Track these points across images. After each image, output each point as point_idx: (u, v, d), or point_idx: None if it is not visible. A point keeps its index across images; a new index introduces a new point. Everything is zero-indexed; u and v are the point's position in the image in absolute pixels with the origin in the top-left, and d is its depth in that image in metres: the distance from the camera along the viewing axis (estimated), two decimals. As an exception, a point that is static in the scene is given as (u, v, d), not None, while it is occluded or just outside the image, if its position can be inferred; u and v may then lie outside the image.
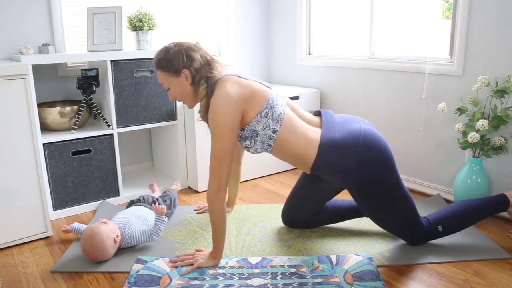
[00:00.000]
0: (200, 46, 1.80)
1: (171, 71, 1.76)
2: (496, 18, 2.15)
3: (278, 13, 3.46)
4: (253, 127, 1.73)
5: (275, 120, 1.73)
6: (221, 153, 1.67)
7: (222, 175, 1.69)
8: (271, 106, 1.73)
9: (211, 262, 1.79)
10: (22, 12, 2.47)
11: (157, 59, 1.78)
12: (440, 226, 1.90)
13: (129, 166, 3.01)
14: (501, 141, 2.16)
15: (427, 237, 1.92)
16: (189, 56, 1.75)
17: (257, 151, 1.81)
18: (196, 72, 1.76)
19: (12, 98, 1.94)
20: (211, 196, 1.72)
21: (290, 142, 1.75)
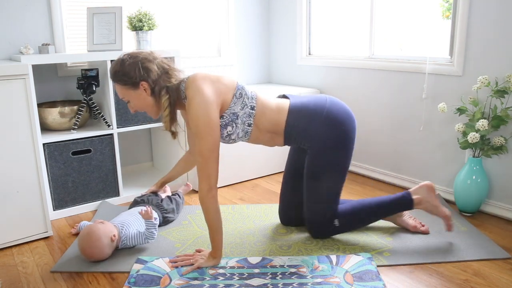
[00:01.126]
0: (155, 55, 1.78)
1: (128, 84, 1.74)
2: (496, 18, 2.15)
3: (278, 13, 3.46)
4: (232, 110, 1.79)
5: (250, 98, 1.82)
6: (207, 152, 1.69)
7: (211, 173, 1.70)
8: (242, 87, 1.82)
9: (211, 262, 1.79)
10: (22, 12, 2.47)
11: (113, 72, 1.76)
12: (336, 221, 1.96)
13: (129, 166, 3.01)
14: (501, 141, 2.16)
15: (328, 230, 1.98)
16: (145, 68, 1.72)
17: (238, 136, 1.85)
18: (154, 83, 1.74)
19: (12, 98, 1.94)
20: (203, 196, 1.72)
21: (266, 114, 1.85)
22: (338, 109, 1.89)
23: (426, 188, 1.99)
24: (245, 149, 2.83)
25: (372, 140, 2.89)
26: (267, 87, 3.36)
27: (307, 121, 1.86)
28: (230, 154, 2.77)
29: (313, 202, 1.96)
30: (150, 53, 1.78)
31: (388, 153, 2.81)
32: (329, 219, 1.96)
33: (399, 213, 2.05)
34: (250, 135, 1.87)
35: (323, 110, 1.87)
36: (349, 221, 2.00)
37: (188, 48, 3.20)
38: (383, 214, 2.02)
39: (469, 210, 2.28)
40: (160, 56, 1.80)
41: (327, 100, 1.91)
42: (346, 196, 2.60)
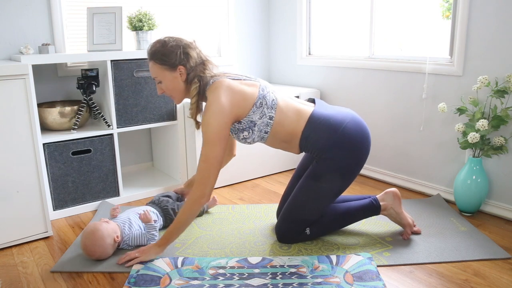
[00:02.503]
0: (196, 45, 1.85)
1: (166, 65, 1.78)
2: (496, 18, 2.15)
3: (278, 13, 3.46)
4: (250, 118, 1.79)
5: (270, 107, 1.81)
6: (211, 159, 1.71)
7: (209, 181, 1.72)
8: (263, 95, 1.80)
9: (153, 250, 1.80)
10: (22, 12, 2.47)
11: (153, 50, 1.79)
12: (308, 229, 1.96)
13: (129, 166, 3.01)
14: (501, 141, 2.16)
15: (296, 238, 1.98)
16: (186, 53, 1.78)
17: (254, 141, 1.86)
18: (191, 70, 1.79)
19: (12, 98, 1.94)
20: (193, 199, 1.74)
21: (284, 123, 1.84)
22: (357, 130, 1.85)
23: (392, 195, 2.02)
24: (245, 149, 2.83)
25: (372, 140, 2.89)
26: (267, 87, 3.36)
27: (322, 135, 1.83)
28: (230, 154, 2.77)
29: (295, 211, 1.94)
30: (192, 41, 1.85)
31: (388, 153, 2.81)
32: (303, 227, 1.96)
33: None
34: (266, 141, 1.90)
35: (340, 127, 1.83)
36: (320, 229, 1.99)
37: (188, 48, 3.20)
38: (352, 221, 2.04)
39: (469, 210, 2.28)
40: (200, 47, 1.86)
41: (349, 117, 1.88)
42: (346, 196, 2.60)
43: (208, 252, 1.93)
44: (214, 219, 2.29)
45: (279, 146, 1.94)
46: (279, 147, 1.94)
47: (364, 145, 1.88)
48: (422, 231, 2.08)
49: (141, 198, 2.61)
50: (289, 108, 1.86)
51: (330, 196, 1.93)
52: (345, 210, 2.00)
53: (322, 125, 1.84)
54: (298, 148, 1.91)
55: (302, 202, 1.92)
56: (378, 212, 2.01)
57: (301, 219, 1.95)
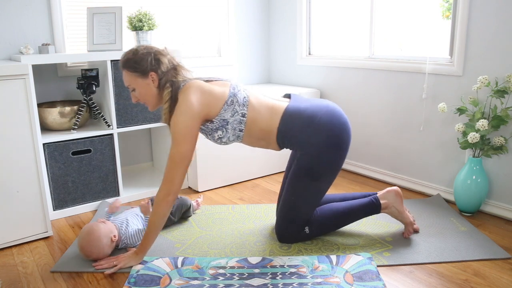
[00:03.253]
0: (167, 51, 1.88)
1: (138, 72, 1.80)
2: (496, 18, 2.15)
3: (278, 13, 3.46)
4: (222, 117, 1.80)
5: (241, 105, 1.82)
6: (178, 158, 1.72)
7: (174, 179, 1.73)
8: (234, 94, 1.82)
9: (133, 259, 1.80)
10: (22, 12, 2.47)
11: (125, 59, 1.82)
12: (307, 228, 1.96)
13: (129, 166, 3.01)
14: (501, 141, 2.16)
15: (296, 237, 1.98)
16: (157, 60, 1.81)
17: (229, 140, 1.87)
18: (162, 75, 1.82)
19: (12, 98, 1.94)
20: (159, 198, 1.74)
21: (258, 121, 1.84)
22: (332, 118, 1.85)
23: (394, 193, 2.01)
24: (245, 149, 2.83)
25: (372, 140, 2.89)
26: (267, 87, 3.36)
27: (298, 129, 1.84)
28: (230, 154, 2.77)
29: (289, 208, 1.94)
30: (164, 48, 1.87)
31: (388, 153, 2.81)
32: (300, 226, 1.96)
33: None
34: (242, 139, 1.90)
35: (315, 118, 1.84)
36: (320, 228, 1.99)
37: (188, 48, 3.20)
38: (352, 220, 2.03)
39: (469, 210, 2.28)
40: (172, 53, 1.89)
41: (323, 107, 1.88)
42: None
43: (208, 252, 1.93)
44: (214, 219, 2.29)
45: (257, 144, 1.94)
46: (257, 145, 1.94)
47: (343, 134, 1.87)
48: (422, 231, 2.08)
49: (141, 198, 2.61)
50: (262, 105, 1.87)
51: (318, 191, 1.93)
52: (345, 209, 2.00)
53: (296, 120, 1.84)
54: (276, 145, 1.91)
55: (293, 201, 1.92)
56: (378, 210, 2.01)
57: (296, 217, 1.95)
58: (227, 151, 2.75)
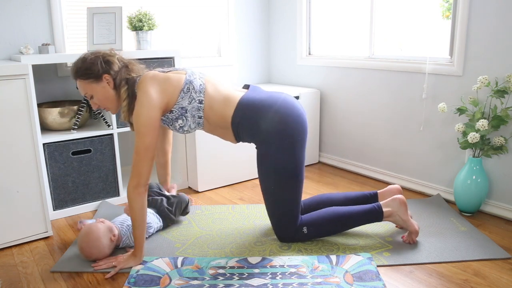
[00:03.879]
0: (115, 52, 1.89)
1: (91, 77, 1.81)
2: (496, 18, 2.15)
3: (278, 13, 3.46)
4: (180, 105, 1.81)
5: (198, 92, 1.82)
6: (142, 150, 1.73)
7: (142, 171, 1.74)
8: (190, 81, 1.82)
9: (131, 261, 1.80)
10: (22, 12, 2.47)
11: (76, 68, 1.83)
12: (305, 228, 1.95)
13: (129, 166, 3.01)
14: (501, 141, 2.16)
15: (293, 236, 1.96)
16: (107, 61, 1.82)
17: (191, 128, 1.88)
18: (116, 75, 1.82)
19: (12, 98, 1.94)
20: (129, 191, 1.76)
21: (214, 107, 1.84)
22: (287, 110, 1.83)
23: (398, 202, 1.97)
24: (245, 149, 2.83)
25: (372, 140, 2.89)
26: (267, 87, 3.36)
27: (253, 119, 1.82)
28: (230, 154, 2.77)
29: (271, 208, 1.94)
30: (110, 49, 1.89)
31: (388, 153, 2.81)
32: (293, 223, 1.94)
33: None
34: (203, 126, 1.90)
35: (270, 109, 1.82)
36: (318, 230, 1.97)
37: (188, 48, 3.20)
38: (352, 225, 2.00)
39: (469, 210, 2.28)
40: (119, 53, 1.90)
41: (279, 99, 1.86)
42: (346, 196, 2.60)
43: (208, 252, 1.93)
44: (214, 219, 2.29)
45: (216, 133, 1.93)
46: (216, 133, 1.94)
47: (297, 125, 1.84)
48: (422, 231, 2.08)
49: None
50: (218, 94, 1.87)
51: (289, 185, 1.87)
52: (345, 214, 1.97)
53: (251, 111, 1.83)
54: (232, 136, 1.90)
55: (271, 202, 1.92)
56: (380, 218, 1.96)
57: (282, 216, 1.93)
58: (227, 151, 2.75)
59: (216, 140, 2.69)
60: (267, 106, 1.83)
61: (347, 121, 3.04)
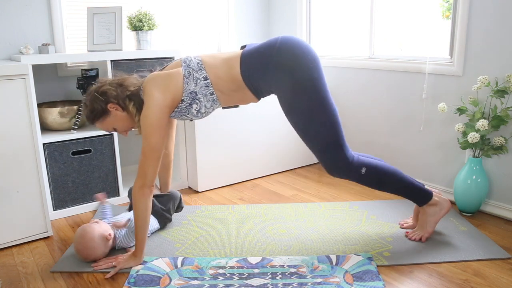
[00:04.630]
0: (103, 79, 1.90)
1: (100, 115, 1.84)
2: (496, 18, 2.15)
3: (278, 13, 3.46)
4: (188, 91, 1.77)
5: (198, 70, 1.79)
6: (148, 151, 1.72)
7: (147, 172, 1.74)
8: (187, 65, 1.79)
9: (132, 261, 1.80)
10: (22, 12, 2.47)
11: (86, 116, 1.88)
12: (364, 169, 1.86)
13: (129, 166, 3.01)
14: (501, 141, 2.16)
15: (347, 171, 1.85)
16: (102, 92, 1.82)
17: (207, 108, 1.83)
18: (117, 98, 1.82)
19: (12, 98, 1.94)
20: (135, 192, 1.76)
21: (220, 74, 1.80)
22: (288, 41, 1.76)
23: (447, 205, 1.99)
24: (245, 149, 2.83)
25: (372, 140, 2.89)
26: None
27: (261, 63, 1.76)
28: (230, 154, 2.77)
29: (316, 151, 1.85)
30: (98, 79, 1.90)
31: (388, 153, 2.81)
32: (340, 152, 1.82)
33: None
34: (219, 101, 1.85)
35: (273, 48, 1.75)
36: (374, 176, 1.88)
37: (188, 48, 3.20)
38: (402, 193, 1.95)
39: (469, 210, 2.28)
40: (108, 77, 1.90)
41: (278, 38, 1.79)
42: (346, 196, 2.60)
43: (208, 252, 1.93)
44: (214, 219, 2.29)
45: (235, 99, 1.87)
46: (235, 100, 1.88)
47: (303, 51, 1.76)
48: (422, 231, 2.08)
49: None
50: (218, 60, 1.81)
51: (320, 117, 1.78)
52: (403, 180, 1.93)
53: (256, 58, 1.77)
54: (251, 93, 1.84)
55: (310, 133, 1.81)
56: (424, 202, 1.95)
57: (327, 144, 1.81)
58: (227, 151, 2.75)
59: (216, 140, 2.69)
60: (269, 47, 1.76)
61: (347, 121, 3.04)
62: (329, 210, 2.38)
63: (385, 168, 1.91)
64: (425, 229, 1.99)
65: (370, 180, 1.90)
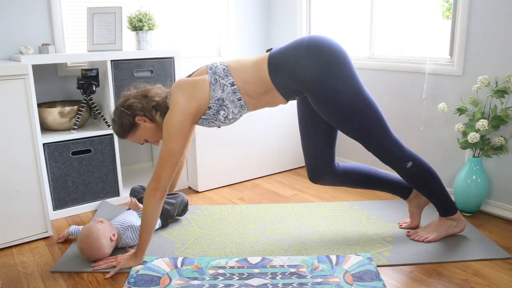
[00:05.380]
0: (127, 93, 1.89)
1: (130, 129, 1.86)
2: (496, 18, 2.15)
3: (278, 13, 3.46)
4: (215, 97, 1.77)
5: (225, 76, 1.78)
6: (165, 155, 1.72)
7: (161, 176, 1.73)
8: (213, 72, 1.79)
9: (132, 261, 1.80)
10: (22, 12, 2.47)
11: (116, 132, 1.91)
12: (410, 163, 1.86)
13: (129, 166, 3.01)
14: (501, 141, 2.16)
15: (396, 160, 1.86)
16: (128, 107, 1.83)
17: (234, 114, 1.82)
18: (143, 110, 1.83)
19: (12, 98, 1.94)
20: (147, 193, 1.76)
21: (247, 78, 1.78)
22: (315, 41, 1.75)
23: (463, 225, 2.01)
24: (245, 149, 2.83)
25: (372, 140, 2.89)
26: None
27: (289, 63, 1.74)
28: (230, 154, 2.77)
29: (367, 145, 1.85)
30: (123, 94, 1.90)
31: (388, 153, 2.80)
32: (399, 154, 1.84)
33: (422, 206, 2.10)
34: (247, 106, 1.83)
35: (301, 46, 1.74)
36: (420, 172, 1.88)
37: (188, 48, 3.20)
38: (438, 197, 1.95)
39: (469, 210, 2.28)
40: (131, 89, 1.90)
41: (305, 37, 1.78)
42: (346, 196, 2.60)
43: (208, 252, 1.93)
44: (214, 219, 2.29)
45: (263, 102, 1.85)
46: (264, 103, 1.86)
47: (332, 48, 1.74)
48: (422, 231, 2.08)
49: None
50: (245, 65, 1.80)
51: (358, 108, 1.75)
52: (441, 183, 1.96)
53: (282, 59, 1.75)
54: (280, 95, 1.81)
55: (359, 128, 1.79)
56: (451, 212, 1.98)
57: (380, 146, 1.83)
58: (227, 151, 2.75)
59: (216, 140, 2.69)
60: (296, 47, 1.75)
61: (347, 121, 3.03)
62: (329, 210, 2.38)
63: (431, 169, 1.92)
64: (432, 234, 1.98)
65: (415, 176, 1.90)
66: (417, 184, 1.94)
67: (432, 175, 1.92)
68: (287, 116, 2.97)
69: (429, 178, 1.92)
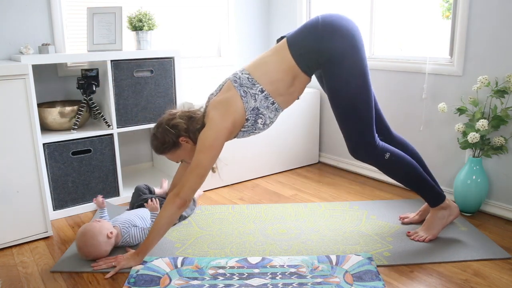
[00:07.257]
0: (173, 111, 1.90)
1: (172, 148, 1.85)
2: (496, 18, 2.15)
3: (278, 13, 3.46)
4: (250, 108, 1.77)
5: (252, 85, 1.78)
6: (195, 166, 1.73)
7: (186, 184, 1.74)
8: (239, 84, 1.79)
9: (132, 261, 1.80)
10: (22, 12, 2.47)
11: (155, 147, 1.88)
12: (388, 154, 1.88)
13: (129, 166, 3.01)
14: (501, 141, 2.16)
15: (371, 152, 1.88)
16: (173, 126, 1.83)
17: (271, 117, 1.84)
18: (188, 132, 1.84)
19: (12, 98, 1.94)
20: (169, 197, 1.77)
21: (273, 76, 1.79)
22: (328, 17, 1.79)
23: (455, 211, 2.02)
24: (245, 149, 2.83)
25: (372, 140, 2.89)
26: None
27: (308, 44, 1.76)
28: (230, 154, 2.77)
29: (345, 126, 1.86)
30: (168, 111, 1.90)
31: (388, 153, 2.80)
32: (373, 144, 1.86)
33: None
34: (281, 107, 1.85)
35: (316, 25, 1.77)
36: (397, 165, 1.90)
37: (188, 48, 3.20)
38: (419, 188, 1.97)
39: (469, 210, 2.28)
40: (177, 109, 1.91)
41: (319, 16, 1.82)
42: (346, 196, 2.60)
43: (208, 252, 1.93)
44: (214, 219, 2.29)
45: (295, 95, 1.87)
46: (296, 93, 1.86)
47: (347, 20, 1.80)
48: (422, 231, 2.08)
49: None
50: (265, 63, 1.82)
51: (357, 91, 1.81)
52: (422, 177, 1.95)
53: (302, 37, 1.78)
54: (304, 75, 1.82)
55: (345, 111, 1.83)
56: (439, 201, 1.97)
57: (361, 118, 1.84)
58: (227, 151, 2.75)
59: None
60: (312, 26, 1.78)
61: (347, 121, 3.03)
62: (329, 210, 2.38)
63: (408, 159, 1.93)
64: (431, 232, 1.99)
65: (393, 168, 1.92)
66: (398, 175, 1.95)
67: (412, 165, 1.93)
68: (287, 117, 2.98)
69: (410, 168, 1.92)
